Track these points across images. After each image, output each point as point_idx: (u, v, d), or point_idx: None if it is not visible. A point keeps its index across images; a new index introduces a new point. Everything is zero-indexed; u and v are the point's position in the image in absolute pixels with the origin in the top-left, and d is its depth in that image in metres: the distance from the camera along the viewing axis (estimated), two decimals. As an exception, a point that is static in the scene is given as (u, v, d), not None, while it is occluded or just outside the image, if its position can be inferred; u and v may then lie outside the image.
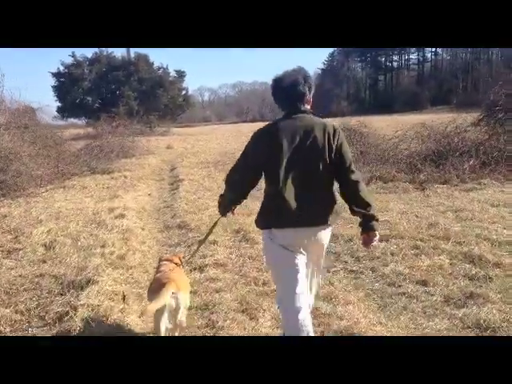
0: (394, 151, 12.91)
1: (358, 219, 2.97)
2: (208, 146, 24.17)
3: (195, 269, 5.46)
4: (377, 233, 2.90)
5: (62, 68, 44.67)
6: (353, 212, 2.94)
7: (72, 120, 44.79)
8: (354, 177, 2.89)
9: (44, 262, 5.88)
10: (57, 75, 44.55)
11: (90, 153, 16.72)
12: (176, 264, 3.87)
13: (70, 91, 42.95)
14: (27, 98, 29.62)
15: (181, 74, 49.65)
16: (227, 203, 3.17)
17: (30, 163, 11.63)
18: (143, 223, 7.89)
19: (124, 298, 4.57)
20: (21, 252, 6.23)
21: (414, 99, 64.13)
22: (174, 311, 3.36)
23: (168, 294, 3.26)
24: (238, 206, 3.31)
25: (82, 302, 4.41)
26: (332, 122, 3.22)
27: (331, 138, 2.83)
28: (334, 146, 2.83)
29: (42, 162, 12.21)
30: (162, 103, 45.30)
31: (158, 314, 3.32)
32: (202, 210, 8.40)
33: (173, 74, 49.12)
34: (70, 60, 44.44)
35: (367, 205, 2.87)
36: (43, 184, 11.90)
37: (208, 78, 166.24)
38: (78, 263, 5.68)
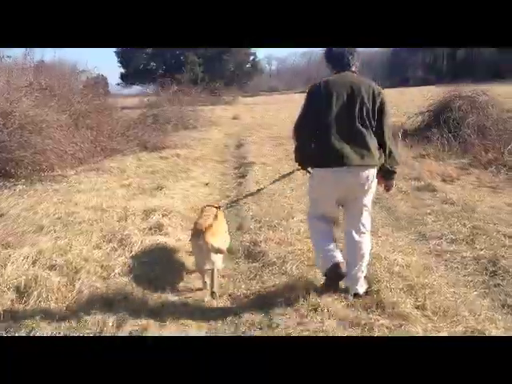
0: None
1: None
2: (279, 116, 20.78)
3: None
4: (394, 182, 3.60)
5: (125, 32, 42.27)
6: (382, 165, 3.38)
7: (138, 87, 42.94)
8: (388, 137, 3.33)
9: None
10: (120, 39, 42.19)
11: (143, 123, 14.04)
12: (217, 208, 4.21)
13: (134, 56, 40.80)
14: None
15: (249, 39, 46.11)
16: (302, 156, 3.48)
17: (59, 136, 9.03)
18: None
19: None
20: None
21: (495, 68, 57.08)
22: (210, 254, 3.63)
23: (205, 240, 3.60)
24: None
25: None
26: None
27: (376, 96, 3.25)
28: (377, 104, 3.25)
29: (75, 135, 9.56)
30: (229, 69, 42.26)
31: (199, 258, 3.75)
32: (284, 220, 5.36)
33: (240, 38, 45.60)
34: (134, 23, 41.95)
35: (396, 164, 3.44)
36: (75, 164, 9.35)
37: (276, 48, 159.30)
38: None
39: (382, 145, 3.31)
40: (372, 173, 3.27)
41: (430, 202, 6.04)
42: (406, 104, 22.32)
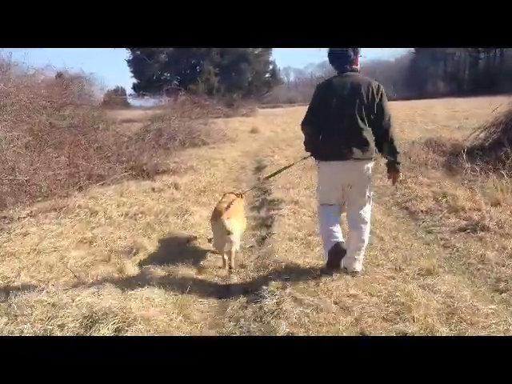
0: None
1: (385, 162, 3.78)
2: (303, 130, 18.07)
3: None
4: (401, 174, 3.85)
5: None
6: (383, 154, 3.76)
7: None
8: (390, 129, 3.60)
9: None
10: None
11: (141, 140, 11.49)
12: (237, 195, 4.67)
13: (147, 66, 38.52)
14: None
15: (268, 47, 43.48)
16: (311, 146, 3.84)
17: (11, 161, 6.53)
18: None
19: None
20: None
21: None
22: (228, 235, 4.13)
23: (223, 221, 4.09)
24: None
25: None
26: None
27: (375, 92, 3.53)
28: (376, 99, 3.53)
29: (37, 158, 7.01)
30: (246, 79, 39.78)
31: (217, 238, 4.29)
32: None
33: (259, 46, 43.04)
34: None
35: (396, 152, 3.66)
36: (39, 197, 6.81)
37: (294, 59, 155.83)
38: None
39: (383, 136, 3.61)
40: (369, 165, 3.66)
41: None
42: (440, 117, 19.70)
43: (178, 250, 4.69)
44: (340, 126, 3.54)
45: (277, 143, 13.76)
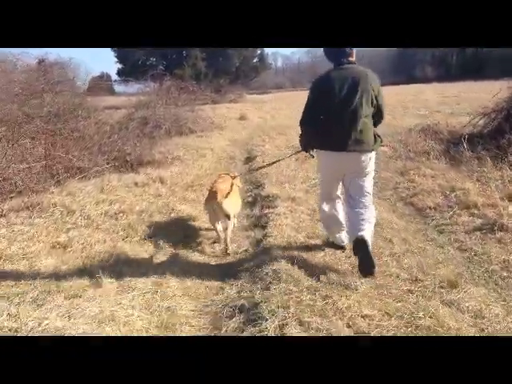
0: None
1: None
2: (293, 116, 17.42)
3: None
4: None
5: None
6: None
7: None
8: (381, 120, 3.76)
9: None
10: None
11: (125, 129, 10.87)
12: (231, 177, 4.90)
13: (132, 51, 37.36)
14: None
15: (256, 32, 42.60)
16: (306, 141, 3.87)
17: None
18: None
19: None
20: None
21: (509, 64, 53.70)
22: (222, 215, 4.29)
23: (215, 202, 4.25)
24: None
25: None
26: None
27: (372, 83, 3.53)
28: (375, 90, 3.55)
29: (9, 151, 6.40)
30: (234, 65, 38.90)
31: (212, 218, 4.43)
32: None
33: (247, 31, 42.11)
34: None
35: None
36: (12, 193, 6.23)
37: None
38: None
39: (378, 123, 3.76)
40: (368, 156, 3.61)
41: None
42: (432, 102, 19.23)
43: (163, 256, 4.19)
44: (339, 117, 3.53)
45: (267, 131, 13.21)
